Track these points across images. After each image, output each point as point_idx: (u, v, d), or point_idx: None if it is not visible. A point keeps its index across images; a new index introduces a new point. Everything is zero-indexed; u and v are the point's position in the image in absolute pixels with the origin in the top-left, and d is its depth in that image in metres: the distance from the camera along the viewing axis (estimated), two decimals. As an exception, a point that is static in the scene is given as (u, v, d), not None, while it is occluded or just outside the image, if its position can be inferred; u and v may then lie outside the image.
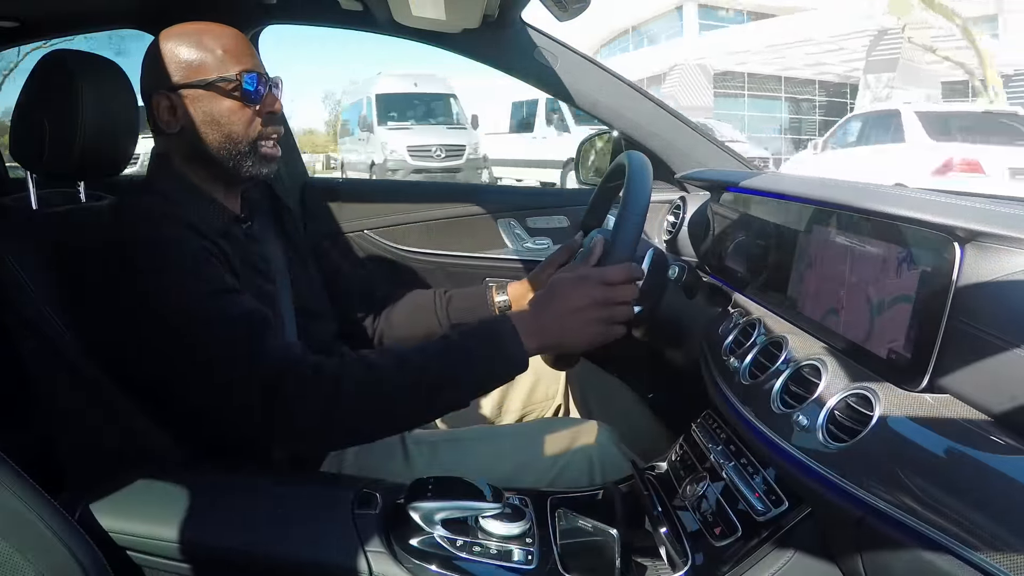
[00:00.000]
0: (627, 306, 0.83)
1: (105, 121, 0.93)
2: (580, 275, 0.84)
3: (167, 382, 0.83)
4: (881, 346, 0.65)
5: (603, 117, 1.42)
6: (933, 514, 0.51)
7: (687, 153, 1.40)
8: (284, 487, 0.80)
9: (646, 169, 0.91)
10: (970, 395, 0.56)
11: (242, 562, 0.73)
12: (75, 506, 0.75)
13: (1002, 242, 0.57)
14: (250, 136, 0.91)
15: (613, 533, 0.72)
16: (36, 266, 0.85)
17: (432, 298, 1.20)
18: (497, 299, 1.16)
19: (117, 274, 0.82)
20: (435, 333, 1.15)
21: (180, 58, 0.89)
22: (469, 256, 1.56)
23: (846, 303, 0.73)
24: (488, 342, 0.80)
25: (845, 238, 0.75)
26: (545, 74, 1.39)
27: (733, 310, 0.97)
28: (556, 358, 0.91)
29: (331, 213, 1.59)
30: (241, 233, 0.96)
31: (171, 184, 0.92)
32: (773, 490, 0.72)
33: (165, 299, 0.80)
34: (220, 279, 0.83)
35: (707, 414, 0.94)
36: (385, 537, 0.73)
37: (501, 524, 0.74)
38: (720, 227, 1.15)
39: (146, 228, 0.83)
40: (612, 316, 0.82)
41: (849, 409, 0.64)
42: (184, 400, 0.83)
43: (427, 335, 1.16)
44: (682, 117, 1.43)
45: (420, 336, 1.16)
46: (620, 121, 1.41)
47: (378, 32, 1.47)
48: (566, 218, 1.57)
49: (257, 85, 0.90)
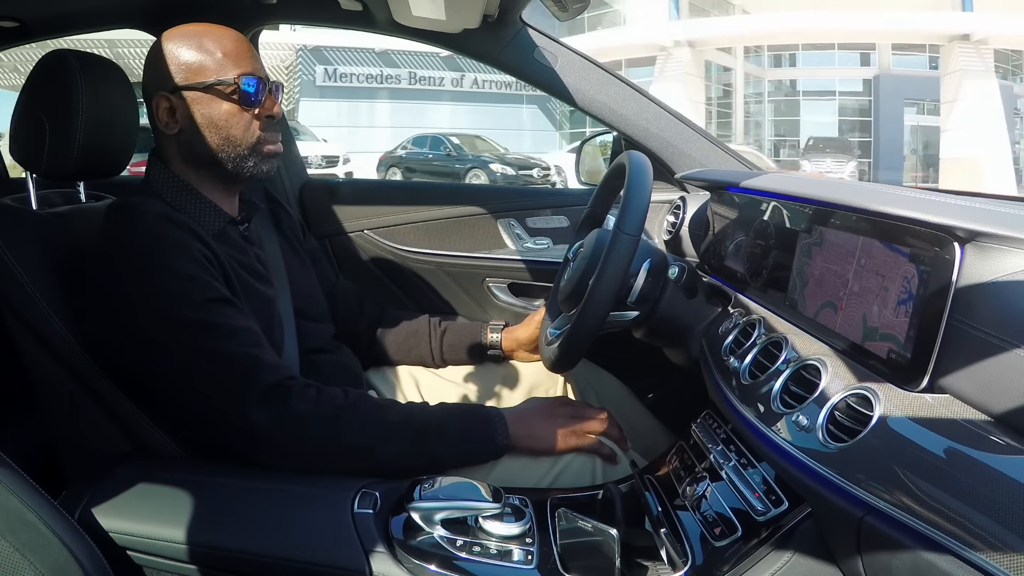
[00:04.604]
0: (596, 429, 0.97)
1: (105, 121, 0.93)
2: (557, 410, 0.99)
3: (162, 383, 0.83)
4: (881, 346, 0.65)
5: (603, 117, 1.42)
6: (933, 514, 0.51)
7: (687, 153, 1.40)
8: (284, 487, 0.80)
9: (646, 169, 0.91)
10: (970, 395, 0.56)
11: (242, 562, 0.73)
12: (75, 506, 0.75)
13: (1002, 242, 0.57)
14: (248, 140, 0.92)
15: (613, 533, 0.72)
16: (36, 266, 0.85)
17: (427, 326, 1.22)
18: (491, 336, 1.21)
19: (115, 275, 0.83)
20: (427, 362, 1.22)
21: (180, 60, 0.89)
22: (469, 256, 1.56)
23: (846, 303, 0.73)
24: (480, 423, 0.91)
25: (845, 238, 0.75)
26: (545, 74, 1.39)
27: (733, 310, 0.97)
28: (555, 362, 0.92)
29: (331, 213, 1.59)
30: (238, 235, 0.97)
31: (169, 185, 0.93)
32: (773, 490, 0.72)
33: (159, 302, 0.81)
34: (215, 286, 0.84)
35: (707, 414, 0.93)
36: (385, 537, 0.73)
37: (501, 524, 0.74)
38: (720, 227, 1.15)
39: (143, 229, 0.83)
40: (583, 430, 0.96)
41: (849, 409, 0.64)
42: (177, 402, 0.84)
43: (418, 363, 1.22)
44: (682, 117, 1.43)
45: (412, 363, 1.22)
46: (620, 121, 1.41)
47: (378, 32, 1.47)
48: (566, 218, 1.57)
49: (256, 89, 0.90)
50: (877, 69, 19.70)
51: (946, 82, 16.97)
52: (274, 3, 1.39)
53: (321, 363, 1.02)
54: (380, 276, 1.58)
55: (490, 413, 0.92)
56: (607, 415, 0.99)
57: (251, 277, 0.93)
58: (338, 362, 1.07)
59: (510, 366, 1.24)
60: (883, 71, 19.54)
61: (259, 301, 0.92)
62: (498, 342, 1.21)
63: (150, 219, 0.84)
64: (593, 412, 0.98)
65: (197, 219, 0.91)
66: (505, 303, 1.55)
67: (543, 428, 0.94)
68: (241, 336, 0.83)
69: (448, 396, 1.17)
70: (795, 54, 20.83)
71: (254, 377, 0.81)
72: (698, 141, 1.41)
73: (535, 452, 0.93)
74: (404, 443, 0.85)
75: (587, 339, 0.89)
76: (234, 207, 0.99)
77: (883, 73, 19.51)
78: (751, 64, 20.58)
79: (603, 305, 0.86)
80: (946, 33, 16.76)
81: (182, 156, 0.93)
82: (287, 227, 1.13)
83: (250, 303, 0.89)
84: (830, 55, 20.10)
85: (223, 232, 0.94)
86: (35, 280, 0.84)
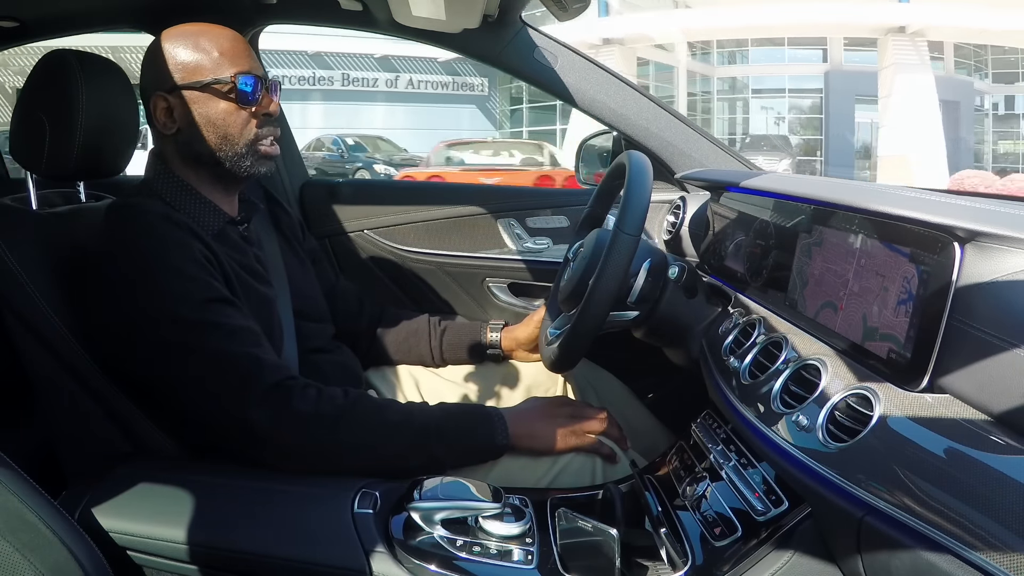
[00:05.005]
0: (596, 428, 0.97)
1: (105, 121, 0.93)
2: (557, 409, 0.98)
3: (163, 383, 0.83)
4: (881, 346, 0.65)
5: (603, 117, 1.42)
6: (933, 514, 0.51)
7: (687, 153, 1.40)
8: (284, 487, 0.80)
9: (646, 169, 0.91)
10: (970, 395, 0.56)
11: (242, 562, 0.73)
12: (75, 506, 0.75)
13: (1002, 242, 0.57)
14: (246, 138, 0.92)
15: (613, 533, 0.72)
16: (36, 266, 0.85)
17: (427, 326, 1.22)
18: (490, 336, 1.21)
19: (114, 275, 0.83)
20: (426, 362, 1.22)
21: (177, 60, 0.89)
22: (469, 256, 1.56)
23: (846, 303, 0.73)
24: (480, 422, 0.91)
25: (845, 238, 0.75)
26: (545, 74, 1.40)
27: (733, 310, 0.97)
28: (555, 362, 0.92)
29: (331, 213, 1.59)
30: (238, 235, 0.97)
31: (168, 185, 0.93)
32: (773, 490, 0.72)
33: (160, 302, 0.81)
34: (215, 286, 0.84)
35: (707, 414, 0.94)
36: (385, 537, 0.73)
37: (501, 524, 0.74)
38: (720, 227, 1.15)
39: (143, 229, 0.83)
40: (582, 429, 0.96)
41: (849, 409, 0.64)
42: (177, 402, 0.84)
43: (418, 362, 1.22)
44: (682, 117, 1.43)
45: (412, 362, 1.23)
46: (620, 121, 1.41)
47: (378, 32, 1.47)
48: (566, 218, 1.57)
49: (253, 87, 0.90)
50: (828, 65, 18.89)
51: (882, 76, 16.36)
52: (274, 3, 1.39)
53: (321, 363, 1.02)
54: (380, 276, 1.58)
55: (490, 413, 0.92)
56: (607, 415, 0.99)
57: (251, 277, 0.93)
58: (338, 362, 1.08)
59: (510, 366, 1.24)
60: (834, 67, 18.65)
61: (259, 301, 0.92)
62: (498, 341, 1.21)
63: (150, 219, 0.84)
64: (593, 412, 0.98)
65: (197, 219, 0.91)
66: (505, 303, 1.55)
67: (543, 428, 0.94)
68: (242, 336, 0.83)
69: (448, 396, 1.17)
70: (746, 51, 20.13)
71: (255, 377, 0.81)
72: (698, 141, 1.41)
73: (535, 452, 0.93)
74: (404, 443, 0.85)
75: (587, 339, 0.89)
76: (234, 207, 0.99)
77: (834, 69, 18.63)
78: (699, 62, 19.75)
79: (603, 305, 0.86)
80: (883, 25, 16.13)
81: (181, 156, 0.93)
82: (286, 227, 1.13)
83: (250, 303, 0.89)
84: (781, 51, 19.41)
85: (223, 232, 0.94)
86: (35, 280, 0.84)
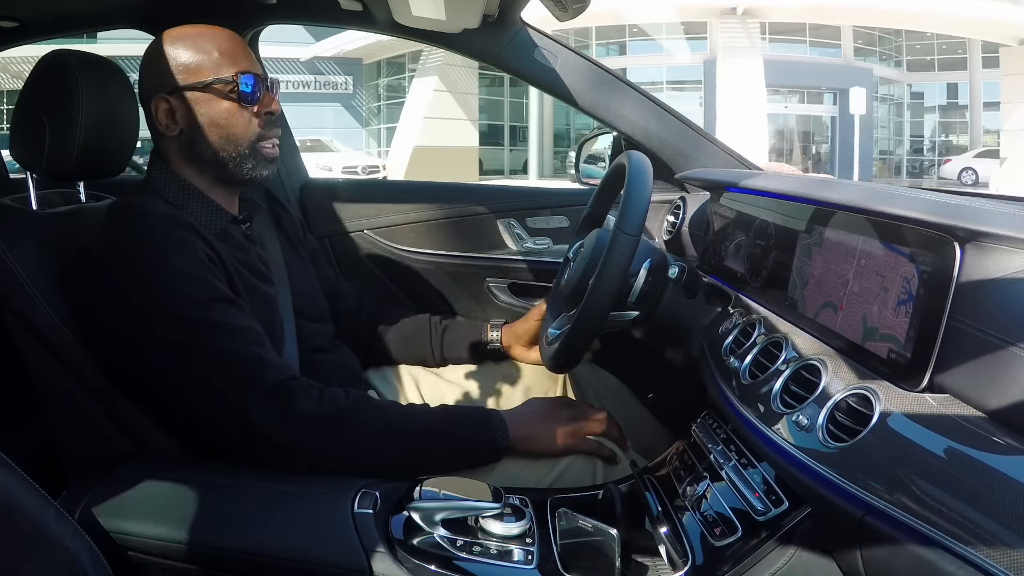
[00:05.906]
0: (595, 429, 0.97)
1: (105, 121, 0.93)
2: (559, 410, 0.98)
3: (164, 383, 0.83)
4: (881, 346, 0.65)
5: (603, 117, 1.42)
6: (933, 513, 0.51)
7: (687, 153, 1.40)
8: (284, 487, 0.80)
9: (646, 169, 0.91)
10: (970, 395, 0.56)
11: (242, 562, 0.73)
12: (75, 506, 0.75)
13: (1002, 242, 0.57)
14: (249, 137, 0.92)
15: (613, 533, 0.72)
16: (36, 266, 0.85)
17: (427, 325, 1.22)
18: (491, 334, 1.21)
19: (116, 275, 0.83)
20: (427, 361, 1.22)
21: (177, 61, 0.89)
22: (469, 256, 1.56)
23: (846, 303, 0.73)
24: (480, 425, 0.91)
25: (845, 238, 0.75)
26: (545, 74, 1.40)
27: (733, 310, 0.97)
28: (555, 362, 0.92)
29: (331, 213, 1.59)
30: (239, 235, 0.97)
31: (170, 185, 0.93)
32: (773, 490, 0.72)
33: (162, 302, 0.81)
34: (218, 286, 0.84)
35: (707, 414, 0.93)
36: (385, 537, 0.73)
37: (501, 524, 0.74)
38: (720, 227, 1.15)
39: (145, 229, 0.83)
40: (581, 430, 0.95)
41: (849, 409, 0.64)
42: (179, 402, 0.84)
43: (418, 362, 1.22)
44: (682, 117, 1.43)
45: (412, 362, 1.22)
46: (620, 121, 1.41)
47: (378, 32, 1.47)
48: (566, 218, 1.57)
49: (254, 86, 0.90)
50: (708, 53, 17.50)
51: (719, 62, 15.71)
52: (274, 3, 1.39)
53: (321, 363, 1.02)
54: (380, 276, 1.58)
55: (490, 416, 0.92)
56: (607, 415, 0.99)
57: (253, 276, 0.93)
58: (338, 362, 1.07)
59: (510, 366, 1.24)
60: (714, 55, 17.18)
61: (260, 300, 0.92)
62: (498, 338, 1.21)
63: (153, 219, 0.84)
64: (593, 412, 0.98)
65: (199, 218, 0.91)
66: (505, 303, 1.55)
67: (543, 430, 0.94)
68: (244, 336, 0.83)
69: (448, 396, 1.17)
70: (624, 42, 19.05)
71: (257, 377, 0.81)
72: (698, 141, 1.41)
73: (535, 454, 0.93)
74: (405, 445, 0.85)
75: (587, 339, 0.89)
76: (235, 206, 0.99)
77: (714, 57, 17.21)
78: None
79: (603, 305, 0.86)
80: (715, 7, 15.53)
81: (182, 156, 0.93)
82: (287, 226, 1.13)
83: (252, 302, 0.89)
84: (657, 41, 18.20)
85: (225, 231, 0.94)
86: (35, 280, 0.84)
